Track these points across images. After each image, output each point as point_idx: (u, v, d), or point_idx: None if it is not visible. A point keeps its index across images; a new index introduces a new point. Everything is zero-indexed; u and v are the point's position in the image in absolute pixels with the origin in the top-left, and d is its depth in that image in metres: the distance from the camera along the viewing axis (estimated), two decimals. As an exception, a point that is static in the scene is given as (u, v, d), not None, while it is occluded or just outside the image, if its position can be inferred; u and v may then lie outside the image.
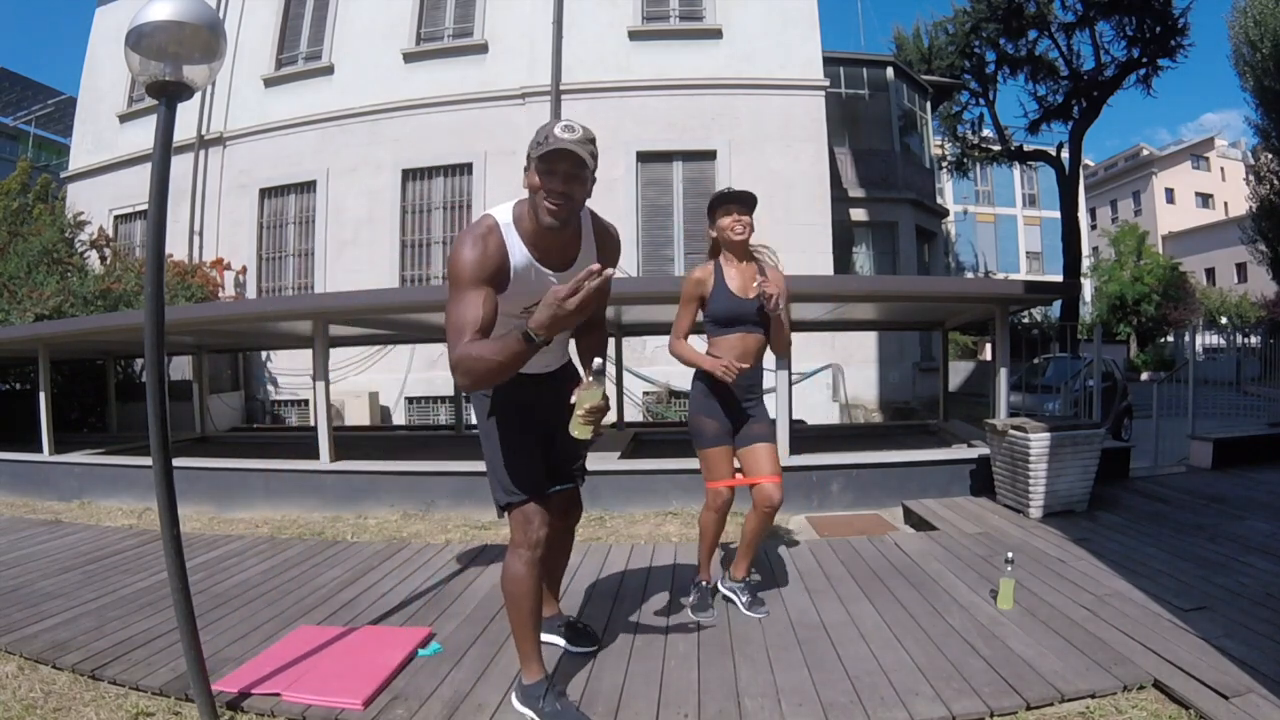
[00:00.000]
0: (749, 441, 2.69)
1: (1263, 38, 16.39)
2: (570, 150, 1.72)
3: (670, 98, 9.41)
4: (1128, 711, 2.02)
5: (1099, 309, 25.48)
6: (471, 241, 1.78)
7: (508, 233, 1.84)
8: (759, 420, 2.72)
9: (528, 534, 2.00)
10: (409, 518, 4.69)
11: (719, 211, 2.67)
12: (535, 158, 1.76)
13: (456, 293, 1.76)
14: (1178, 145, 34.89)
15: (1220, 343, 13.31)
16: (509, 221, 1.85)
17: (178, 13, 1.79)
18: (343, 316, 5.29)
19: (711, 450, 2.67)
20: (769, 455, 2.67)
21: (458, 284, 1.76)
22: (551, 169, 1.74)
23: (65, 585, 3.32)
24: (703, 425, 2.69)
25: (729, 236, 2.63)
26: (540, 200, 1.77)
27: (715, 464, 2.67)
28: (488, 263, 1.77)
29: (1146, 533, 3.72)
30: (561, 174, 1.75)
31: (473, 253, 1.76)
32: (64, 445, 6.10)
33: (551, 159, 1.73)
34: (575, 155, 1.73)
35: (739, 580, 2.84)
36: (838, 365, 9.55)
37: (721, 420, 2.68)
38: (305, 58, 10.45)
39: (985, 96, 17.17)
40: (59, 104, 19.70)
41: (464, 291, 1.75)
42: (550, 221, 1.78)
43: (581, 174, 1.78)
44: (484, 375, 1.72)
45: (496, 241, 1.81)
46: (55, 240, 8.87)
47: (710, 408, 2.69)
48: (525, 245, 1.85)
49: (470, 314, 1.72)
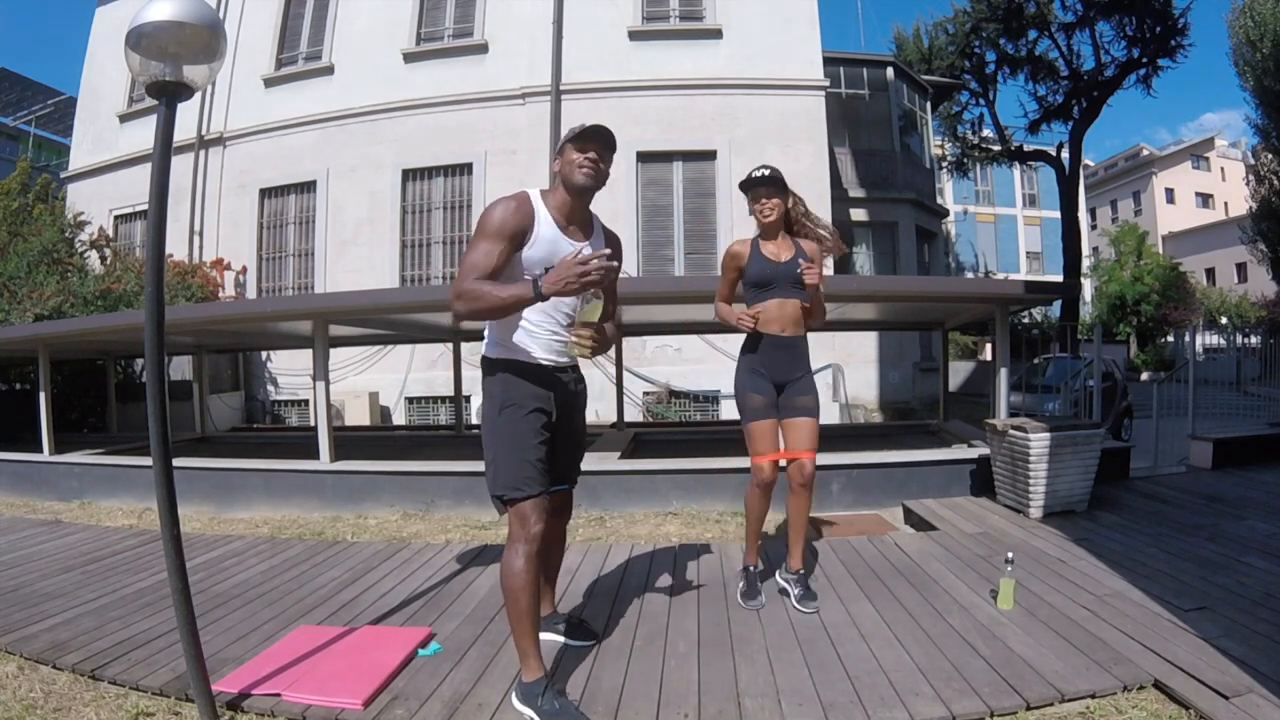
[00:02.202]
0: (792, 414, 2.74)
1: (1263, 37, 16.38)
2: (602, 129, 2.09)
3: (670, 98, 9.41)
4: (1128, 711, 2.02)
5: (1099, 309, 25.46)
6: (504, 203, 2.06)
7: (537, 202, 2.11)
8: (807, 392, 2.76)
9: (526, 529, 2.04)
10: (409, 518, 4.69)
11: (750, 194, 2.78)
12: (570, 140, 2.09)
13: (478, 240, 2.02)
14: (1178, 145, 34.87)
15: (1220, 343, 13.31)
16: (538, 196, 2.13)
17: (178, 13, 1.79)
18: (343, 316, 5.29)
19: (755, 424, 2.73)
20: (811, 430, 2.72)
21: (481, 233, 2.02)
22: (585, 145, 2.08)
23: (65, 585, 3.32)
24: (747, 400, 2.75)
25: (759, 218, 2.76)
26: (575, 169, 2.07)
27: (759, 438, 2.72)
28: (513, 220, 2.02)
29: (1146, 533, 3.72)
30: (595, 149, 2.09)
31: (502, 211, 2.03)
32: (64, 445, 6.11)
33: (585, 136, 2.08)
34: (606, 134, 2.09)
35: (794, 572, 2.86)
36: (838, 365, 9.55)
37: (767, 394, 2.73)
38: (305, 58, 10.45)
39: (985, 96, 17.18)
40: (59, 104, 19.68)
41: (484, 239, 2.01)
42: (584, 182, 2.08)
43: (608, 154, 2.12)
44: (482, 308, 1.95)
45: (526, 206, 2.07)
46: (55, 240, 8.87)
47: (755, 384, 2.75)
48: (551, 214, 2.11)
49: (483, 260, 1.98)
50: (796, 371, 2.76)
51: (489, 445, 2.12)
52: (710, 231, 9.33)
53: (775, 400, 2.74)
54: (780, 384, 2.75)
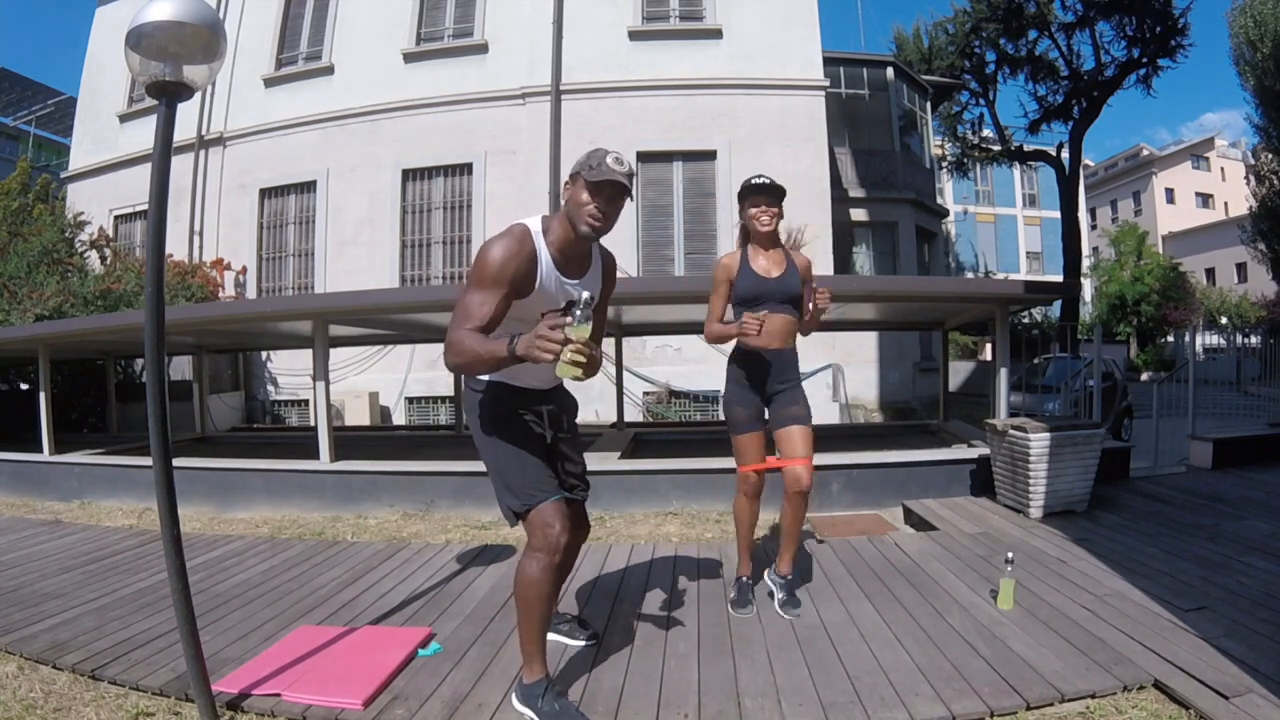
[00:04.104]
0: (784, 423, 2.74)
1: (1263, 37, 16.39)
2: (621, 181, 1.93)
3: (670, 98, 9.41)
4: (1128, 711, 2.02)
5: (1099, 309, 25.46)
6: (506, 243, 1.91)
7: (539, 240, 1.98)
8: (796, 402, 2.77)
9: (548, 537, 1.97)
10: (409, 518, 4.69)
11: (747, 202, 2.73)
12: (588, 180, 1.92)
13: (476, 285, 1.89)
14: (1178, 145, 34.85)
15: (1220, 343, 13.31)
16: (539, 230, 1.99)
17: (178, 13, 1.79)
18: (343, 316, 5.29)
19: (742, 437, 2.75)
20: (803, 437, 2.71)
21: (480, 278, 1.89)
22: (600, 192, 1.93)
23: (65, 585, 3.32)
24: (734, 413, 2.78)
25: (755, 226, 2.71)
26: (583, 214, 1.93)
27: (745, 449, 2.75)
28: (513, 265, 1.90)
29: (1146, 533, 3.72)
30: (607, 196, 1.94)
31: (503, 254, 1.89)
32: (64, 445, 6.10)
33: (602, 186, 1.92)
34: (625, 185, 1.94)
35: (782, 575, 2.88)
36: (838, 365, 9.55)
37: (754, 407, 2.76)
38: (305, 58, 10.45)
39: (985, 96, 17.18)
40: (59, 104, 19.67)
41: (483, 287, 1.88)
42: (588, 233, 1.95)
43: (621, 201, 1.97)
44: (465, 362, 1.85)
45: (530, 251, 1.94)
46: (55, 240, 8.87)
47: (741, 396, 2.77)
48: (550, 253, 1.99)
49: (480, 309, 1.86)
50: (784, 382, 2.77)
51: (490, 465, 2.09)
52: (710, 231, 9.33)
53: (762, 412, 2.77)
54: (768, 395, 2.77)
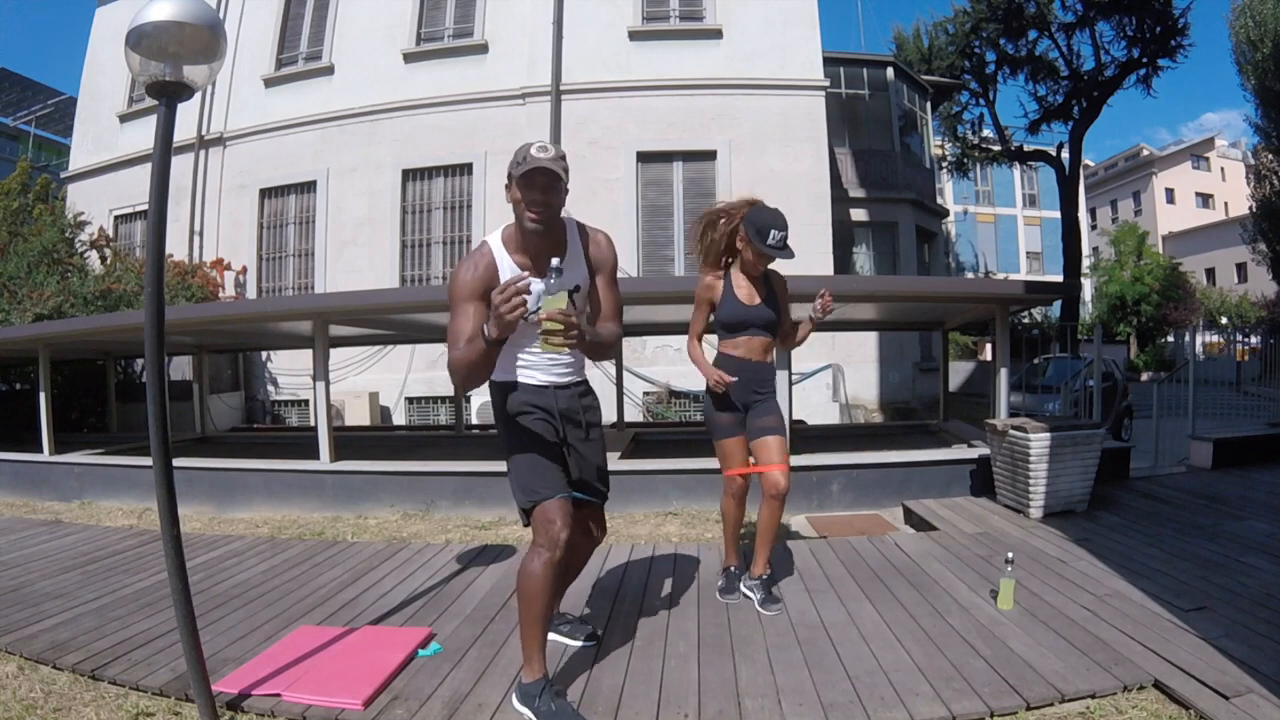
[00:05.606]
0: (759, 434, 2.86)
1: (1263, 37, 16.39)
2: (546, 167, 1.92)
3: (670, 98, 9.40)
4: (1128, 711, 2.02)
5: (1099, 309, 25.45)
6: (466, 262, 2.04)
7: (498, 251, 2.06)
8: (770, 413, 2.89)
9: (549, 533, 2.00)
10: (409, 518, 4.69)
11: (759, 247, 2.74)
12: (516, 176, 1.95)
13: (452, 309, 2.02)
14: (1178, 145, 34.84)
15: (1218, 340, 13.31)
16: (499, 242, 2.08)
17: (178, 13, 1.79)
18: (343, 316, 5.29)
19: (725, 441, 2.88)
20: (778, 446, 2.83)
21: (453, 300, 2.02)
22: (530, 183, 1.94)
23: (65, 585, 3.32)
24: (716, 419, 2.90)
25: (753, 262, 2.80)
26: (523, 210, 1.97)
27: (729, 454, 2.88)
28: (475, 283, 2.00)
29: (1146, 533, 3.72)
30: (539, 186, 1.95)
31: (466, 273, 2.02)
32: (64, 445, 6.10)
33: (530, 176, 1.93)
34: (551, 171, 1.93)
35: (755, 578, 2.95)
36: (838, 365, 9.55)
37: (734, 414, 2.88)
38: (305, 58, 10.44)
39: (985, 96, 17.18)
40: (59, 104, 19.67)
41: (457, 307, 2.00)
42: (533, 227, 1.98)
43: (557, 185, 1.97)
44: (463, 373, 1.93)
45: (488, 260, 2.04)
46: (55, 240, 8.86)
47: (721, 402, 2.88)
48: (513, 257, 2.06)
49: (461, 326, 1.97)
50: (759, 394, 2.88)
51: (507, 464, 2.15)
52: (710, 231, 9.32)
53: (743, 418, 2.89)
54: (748, 406, 2.88)
